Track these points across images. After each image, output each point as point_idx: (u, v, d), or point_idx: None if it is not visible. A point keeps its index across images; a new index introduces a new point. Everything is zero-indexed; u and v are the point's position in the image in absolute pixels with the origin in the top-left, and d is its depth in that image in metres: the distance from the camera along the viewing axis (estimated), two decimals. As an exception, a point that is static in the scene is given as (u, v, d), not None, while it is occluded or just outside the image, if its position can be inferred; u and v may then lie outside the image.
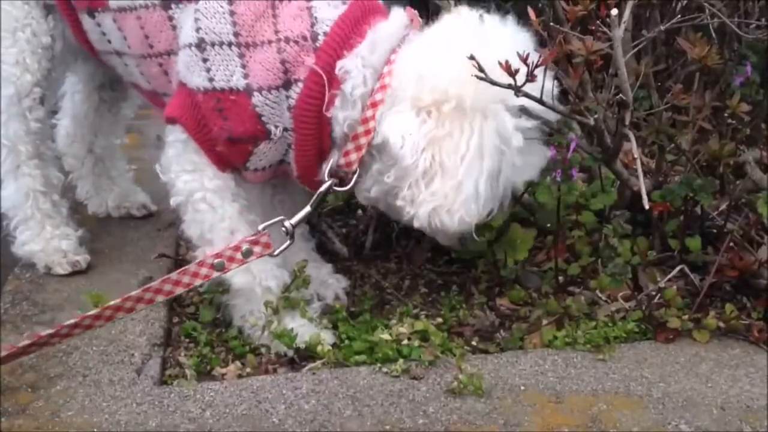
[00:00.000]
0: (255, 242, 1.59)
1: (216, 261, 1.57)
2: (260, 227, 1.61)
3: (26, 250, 1.96)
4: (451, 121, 1.52)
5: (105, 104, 2.19)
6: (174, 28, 1.68)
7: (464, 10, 1.62)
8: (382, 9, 1.66)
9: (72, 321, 1.54)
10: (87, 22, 1.84)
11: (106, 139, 2.23)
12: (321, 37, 1.57)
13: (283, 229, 1.62)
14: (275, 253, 1.61)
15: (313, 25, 1.57)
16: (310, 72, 1.56)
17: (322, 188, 1.63)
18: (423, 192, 1.55)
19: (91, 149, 2.22)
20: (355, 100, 1.58)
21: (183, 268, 1.60)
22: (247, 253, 1.58)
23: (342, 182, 1.63)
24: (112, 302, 1.55)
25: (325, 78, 1.56)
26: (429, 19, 1.66)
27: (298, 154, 1.65)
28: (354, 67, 1.57)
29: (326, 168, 1.63)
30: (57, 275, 1.93)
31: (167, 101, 1.74)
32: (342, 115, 1.58)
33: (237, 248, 1.59)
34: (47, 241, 1.96)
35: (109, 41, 1.83)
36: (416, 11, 1.67)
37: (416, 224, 1.58)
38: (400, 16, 1.64)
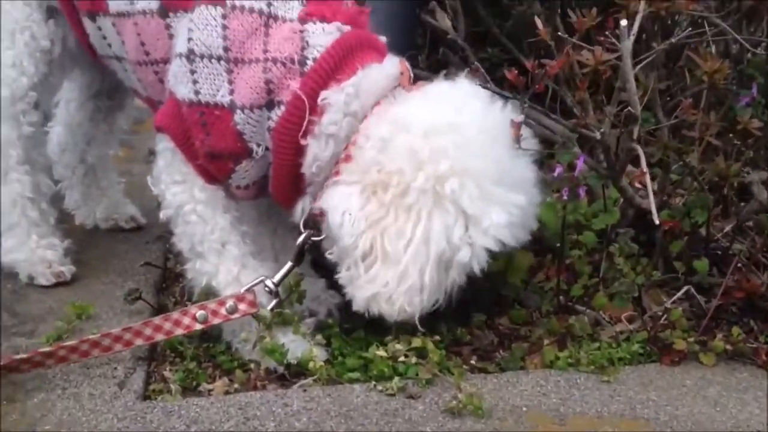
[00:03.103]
0: (241, 299, 1.57)
1: (199, 313, 1.56)
2: (242, 290, 1.58)
3: (10, 259, 1.89)
4: (395, 207, 1.46)
5: (100, 113, 2.15)
6: (171, 36, 1.65)
7: (459, 82, 1.55)
8: (377, 43, 1.62)
9: (47, 349, 1.51)
10: (89, 25, 1.82)
11: (100, 149, 2.18)
12: (309, 62, 1.53)
13: (267, 289, 1.59)
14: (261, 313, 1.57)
15: (303, 48, 1.53)
16: (293, 96, 1.52)
17: (299, 240, 1.58)
18: (362, 276, 1.49)
19: (83, 158, 2.17)
20: (328, 136, 1.52)
21: (165, 314, 1.59)
22: (232, 310, 1.57)
23: (320, 230, 1.57)
24: (90, 336, 1.53)
25: (307, 104, 1.51)
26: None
27: (275, 177, 1.61)
28: (336, 101, 1.52)
29: (301, 216, 1.59)
30: (41, 286, 1.86)
31: None
32: (314, 148, 1.53)
33: (222, 303, 1.57)
34: (32, 251, 1.89)
35: (110, 45, 1.81)
36: (411, 61, 1.60)
37: (354, 307, 1.53)
38: (393, 65, 1.57)
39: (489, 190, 1.45)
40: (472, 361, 1.63)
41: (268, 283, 1.59)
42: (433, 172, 1.45)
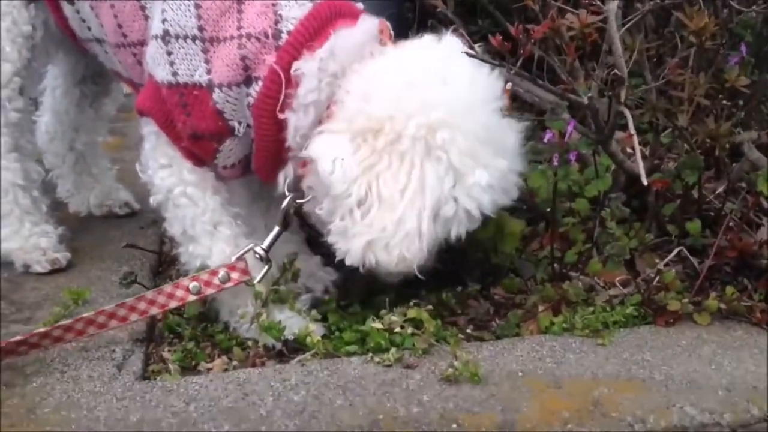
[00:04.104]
0: (232, 268, 1.57)
1: (192, 284, 1.56)
2: (233, 258, 1.58)
3: (4, 248, 1.89)
4: (388, 153, 1.44)
5: (86, 99, 2.14)
6: (147, 18, 1.64)
7: (446, 38, 1.53)
8: (353, 11, 1.60)
9: (42, 329, 1.50)
10: (67, 8, 1.81)
11: (88, 136, 2.18)
12: (284, 36, 1.52)
13: (257, 256, 1.58)
14: (255, 281, 1.57)
15: (276, 22, 1.52)
16: (270, 71, 1.51)
17: (284, 204, 1.57)
18: (358, 223, 1.45)
19: (72, 146, 2.16)
20: (307, 105, 1.51)
21: (158, 288, 1.58)
22: (224, 279, 1.56)
23: (303, 194, 1.56)
24: (85, 314, 1.53)
25: (283, 78, 1.50)
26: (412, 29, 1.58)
27: (257, 153, 1.60)
28: (309, 69, 1.50)
29: (284, 182, 1.58)
30: (36, 273, 1.86)
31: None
32: (294, 120, 1.52)
33: (214, 273, 1.56)
34: (26, 239, 1.89)
35: (89, 28, 1.80)
36: (393, 22, 1.58)
37: (348, 261, 1.49)
38: (368, 25, 1.56)
39: (475, 149, 1.44)
40: (468, 331, 1.64)
41: (258, 249, 1.59)
42: (424, 121, 1.43)
